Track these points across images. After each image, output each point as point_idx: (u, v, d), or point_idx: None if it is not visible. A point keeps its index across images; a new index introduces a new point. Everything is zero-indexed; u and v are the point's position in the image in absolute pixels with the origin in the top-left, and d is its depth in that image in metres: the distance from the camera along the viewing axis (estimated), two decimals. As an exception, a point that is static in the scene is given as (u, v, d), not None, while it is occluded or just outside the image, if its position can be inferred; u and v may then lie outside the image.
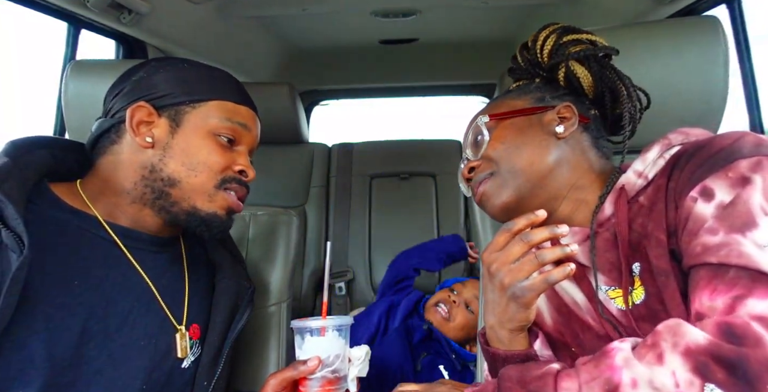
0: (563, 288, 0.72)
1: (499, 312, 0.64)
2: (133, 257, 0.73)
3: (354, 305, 1.98)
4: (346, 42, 2.05)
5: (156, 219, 0.74)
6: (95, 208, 0.72)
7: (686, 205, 0.57)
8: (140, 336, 0.71)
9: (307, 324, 0.71)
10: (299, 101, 1.84)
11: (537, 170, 0.71)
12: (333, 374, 0.70)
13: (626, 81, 0.72)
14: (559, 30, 0.75)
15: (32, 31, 1.41)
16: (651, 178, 0.66)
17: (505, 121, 0.76)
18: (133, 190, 0.72)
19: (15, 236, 0.57)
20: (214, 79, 0.77)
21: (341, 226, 2.04)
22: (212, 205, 0.73)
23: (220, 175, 0.74)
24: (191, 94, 0.74)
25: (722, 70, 0.86)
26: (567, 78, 0.75)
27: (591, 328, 0.68)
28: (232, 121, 0.75)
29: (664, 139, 0.68)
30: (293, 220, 1.05)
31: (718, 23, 0.88)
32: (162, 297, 0.75)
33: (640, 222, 0.64)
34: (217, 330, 0.79)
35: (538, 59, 0.76)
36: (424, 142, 2.21)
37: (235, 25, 1.69)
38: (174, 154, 0.72)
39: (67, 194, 0.71)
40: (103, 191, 0.73)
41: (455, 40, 2.04)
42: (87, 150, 0.77)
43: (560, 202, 0.72)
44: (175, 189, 0.72)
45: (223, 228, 0.76)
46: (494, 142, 0.74)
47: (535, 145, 0.72)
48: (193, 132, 0.73)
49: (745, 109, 1.16)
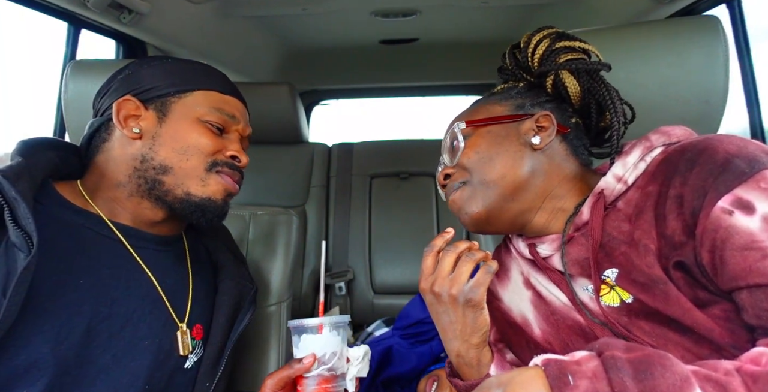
0: (552, 294, 0.71)
1: (460, 329, 0.67)
2: (139, 256, 0.73)
3: (354, 305, 1.98)
4: (346, 42, 2.04)
5: (155, 211, 0.74)
6: (97, 207, 0.72)
7: (715, 216, 0.53)
8: (144, 336, 0.70)
9: (303, 323, 0.72)
10: (299, 101, 1.84)
11: (509, 182, 0.70)
12: (329, 372, 0.70)
13: (614, 94, 0.70)
14: (553, 35, 0.73)
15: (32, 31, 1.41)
16: (631, 183, 0.64)
17: (482, 128, 0.73)
18: (128, 183, 0.72)
19: (24, 235, 0.57)
20: (198, 71, 0.78)
21: (341, 226, 2.04)
22: (206, 190, 0.73)
23: (211, 157, 0.74)
24: (176, 86, 0.75)
25: (722, 70, 0.86)
26: (555, 86, 0.74)
27: (582, 334, 0.67)
28: (219, 110, 0.76)
29: (644, 140, 0.66)
30: (293, 220, 1.05)
31: (718, 23, 0.88)
32: (167, 296, 0.75)
33: (617, 227, 0.63)
34: (220, 331, 0.79)
35: (528, 63, 0.75)
36: (424, 142, 2.21)
37: (235, 25, 1.69)
38: (163, 141, 0.72)
39: (71, 194, 0.71)
40: (101, 187, 0.73)
41: (455, 40, 2.04)
42: (82, 150, 0.77)
43: (534, 213, 0.71)
44: (168, 176, 0.72)
45: (218, 213, 0.75)
46: (469, 151, 0.72)
47: (508, 157, 0.70)
48: (181, 119, 0.73)
49: (745, 109, 1.16)
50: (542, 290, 0.73)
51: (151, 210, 0.74)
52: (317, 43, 2.08)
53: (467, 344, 0.68)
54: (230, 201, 0.78)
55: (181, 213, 0.74)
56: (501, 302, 0.80)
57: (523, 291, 0.76)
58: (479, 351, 0.69)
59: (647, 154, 0.65)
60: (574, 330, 0.67)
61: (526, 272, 0.76)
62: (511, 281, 0.79)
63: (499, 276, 0.82)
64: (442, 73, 2.32)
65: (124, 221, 0.73)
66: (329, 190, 2.09)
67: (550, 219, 0.71)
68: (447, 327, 0.68)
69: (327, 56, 2.21)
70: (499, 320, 0.81)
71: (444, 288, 0.65)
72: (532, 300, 0.74)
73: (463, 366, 0.71)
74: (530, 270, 0.75)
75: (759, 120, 1.15)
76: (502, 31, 1.94)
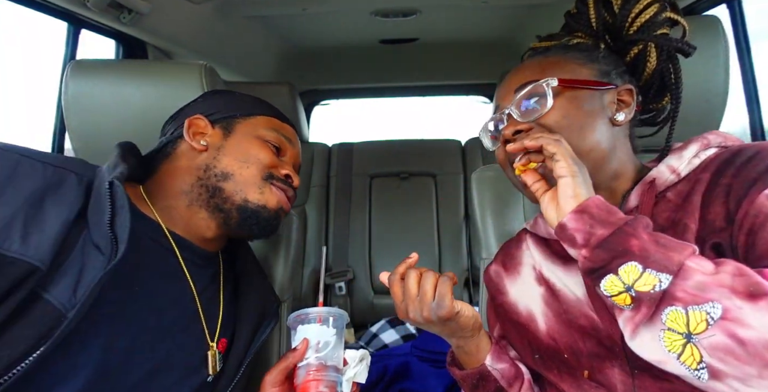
0: (567, 287, 0.71)
1: (448, 334, 0.71)
2: (186, 268, 0.74)
3: (354, 304, 1.98)
4: (346, 42, 2.04)
5: (208, 223, 0.75)
6: (155, 212, 0.73)
7: (759, 202, 0.55)
8: (176, 351, 0.70)
9: (298, 313, 0.75)
10: (299, 101, 1.84)
11: (595, 157, 0.66)
12: (319, 361, 0.71)
13: (680, 83, 0.70)
14: (663, 3, 0.70)
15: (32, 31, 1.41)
16: (683, 176, 0.65)
17: (569, 90, 0.67)
18: (190, 192, 0.75)
19: (113, 240, 0.57)
20: (261, 101, 0.87)
21: (341, 226, 2.04)
22: (262, 198, 0.76)
23: (268, 169, 0.78)
24: (242, 109, 0.83)
25: (722, 69, 0.86)
26: (636, 57, 0.71)
27: (593, 333, 0.66)
28: (278, 132, 0.83)
29: (702, 138, 0.67)
30: (293, 220, 1.05)
31: (718, 23, 0.88)
32: (204, 313, 0.75)
33: (666, 217, 0.63)
34: (242, 343, 0.80)
35: (622, 24, 0.71)
36: (424, 142, 2.21)
37: (235, 25, 1.68)
38: (227, 152, 0.77)
39: (134, 197, 0.72)
40: (161, 195, 0.75)
41: (455, 40, 2.04)
42: (147, 159, 0.80)
43: (597, 192, 0.69)
44: (228, 182, 0.75)
45: (271, 223, 0.78)
46: (556, 113, 0.66)
47: (597, 129, 0.67)
48: (244, 135, 0.79)
49: (746, 108, 1.16)
50: (556, 283, 0.72)
51: (206, 221, 0.75)
52: (317, 43, 2.08)
53: (462, 339, 0.73)
54: (282, 218, 0.81)
55: (236, 223, 0.76)
56: (506, 296, 0.80)
57: (534, 288, 0.75)
58: (476, 339, 0.73)
59: (702, 151, 0.66)
60: (585, 329, 0.67)
61: (539, 266, 0.76)
62: (521, 276, 0.79)
63: (508, 270, 0.82)
64: (442, 73, 2.32)
65: (177, 231, 0.74)
66: (329, 190, 2.09)
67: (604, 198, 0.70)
68: (438, 333, 0.72)
69: (327, 56, 2.21)
70: (502, 317, 0.81)
71: (417, 312, 0.66)
72: (544, 297, 0.73)
73: (463, 355, 0.75)
74: (546, 262, 0.75)
75: (759, 120, 1.15)
76: (502, 31, 1.94)
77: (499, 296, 0.82)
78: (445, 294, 0.64)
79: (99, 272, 0.56)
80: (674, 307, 0.49)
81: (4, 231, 0.53)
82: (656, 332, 0.51)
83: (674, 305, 0.49)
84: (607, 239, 0.54)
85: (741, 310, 0.46)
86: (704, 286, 0.48)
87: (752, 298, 0.46)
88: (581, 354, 0.67)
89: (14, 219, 0.54)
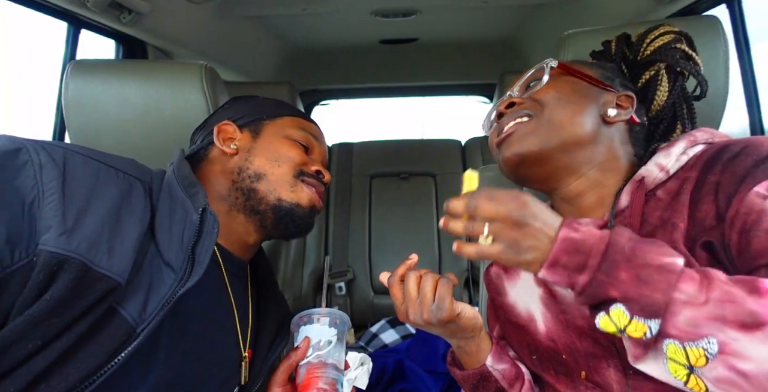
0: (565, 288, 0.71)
1: (448, 335, 0.71)
2: (228, 280, 0.74)
3: (354, 304, 1.98)
4: (346, 42, 2.04)
5: (247, 227, 0.76)
6: None
7: (749, 200, 0.54)
8: (217, 361, 0.70)
9: (300, 315, 0.76)
10: (299, 101, 1.83)
11: (573, 133, 0.68)
12: (319, 359, 0.72)
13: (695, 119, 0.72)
14: (677, 35, 0.73)
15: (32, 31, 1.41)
16: (672, 173, 0.65)
17: (568, 76, 0.72)
18: (228, 197, 0.76)
19: (190, 261, 0.57)
20: (285, 104, 0.89)
21: (341, 226, 2.04)
22: (294, 196, 0.77)
23: (299, 167, 0.79)
24: (267, 112, 0.85)
25: (722, 69, 0.86)
26: (647, 83, 0.74)
27: (591, 335, 0.66)
28: (305, 130, 0.84)
29: (689, 135, 0.67)
30: (293, 220, 1.05)
31: (718, 23, 0.88)
32: (239, 324, 0.75)
33: (657, 216, 0.63)
34: (262, 352, 0.80)
35: (638, 49, 0.74)
36: (424, 142, 2.21)
37: (235, 25, 1.68)
38: (258, 152, 0.78)
39: None
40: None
41: (455, 40, 2.04)
42: None
43: (576, 177, 0.70)
44: (262, 182, 0.76)
45: (305, 221, 0.79)
46: (549, 88, 0.71)
47: (583, 111, 0.69)
48: (273, 136, 0.80)
49: (746, 109, 1.16)
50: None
51: (244, 226, 0.76)
52: (317, 43, 2.08)
53: (463, 340, 0.73)
54: (315, 217, 0.81)
55: (272, 223, 0.76)
56: (506, 297, 0.80)
57: (533, 289, 0.76)
58: (476, 340, 0.74)
59: (690, 148, 0.66)
60: (583, 329, 0.67)
61: None
62: (521, 278, 0.79)
63: (508, 272, 0.82)
64: (442, 73, 2.32)
65: (220, 241, 0.74)
66: (329, 190, 2.09)
67: (587, 189, 0.70)
68: (439, 334, 0.72)
69: (327, 56, 2.21)
70: (501, 318, 0.82)
71: (417, 315, 0.65)
72: (542, 298, 0.74)
73: (463, 355, 0.76)
74: None
75: (759, 120, 1.15)
76: (502, 31, 1.95)
77: (498, 297, 0.82)
78: (444, 296, 0.64)
79: (169, 289, 0.55)
80: (672, 341, 0.48)
81: (94, 247, 0.51)
82: (660, 359, 0.50)
83: (671, 339, 0.48)
84: (587, 287, 0.52)
85: (737, 342, 0.45)
86: (696, 322, 0.47)
87: (746, 329, 0.45)
88: (579, 355, 0.67)
89: (101, 232, 0.53)
